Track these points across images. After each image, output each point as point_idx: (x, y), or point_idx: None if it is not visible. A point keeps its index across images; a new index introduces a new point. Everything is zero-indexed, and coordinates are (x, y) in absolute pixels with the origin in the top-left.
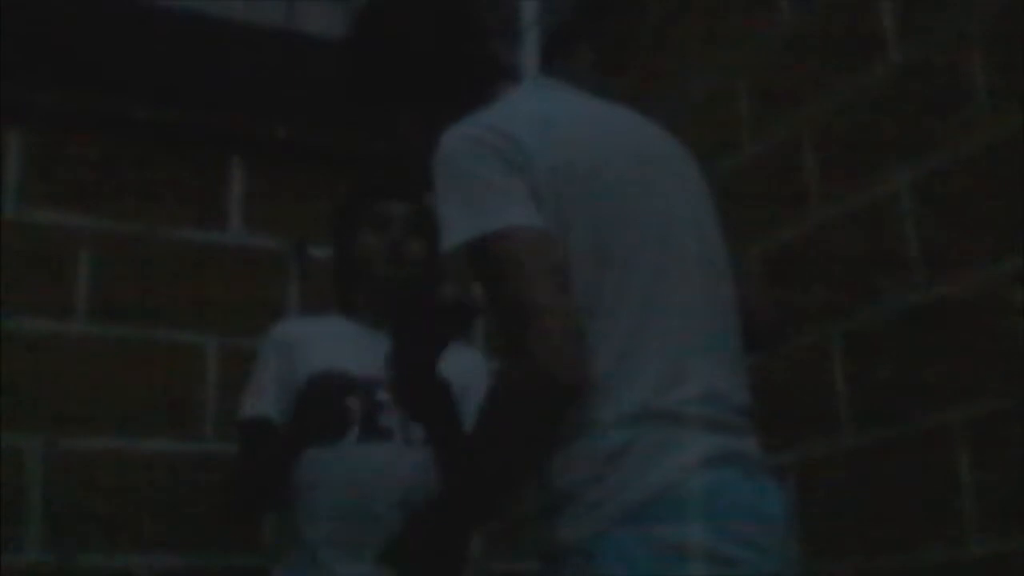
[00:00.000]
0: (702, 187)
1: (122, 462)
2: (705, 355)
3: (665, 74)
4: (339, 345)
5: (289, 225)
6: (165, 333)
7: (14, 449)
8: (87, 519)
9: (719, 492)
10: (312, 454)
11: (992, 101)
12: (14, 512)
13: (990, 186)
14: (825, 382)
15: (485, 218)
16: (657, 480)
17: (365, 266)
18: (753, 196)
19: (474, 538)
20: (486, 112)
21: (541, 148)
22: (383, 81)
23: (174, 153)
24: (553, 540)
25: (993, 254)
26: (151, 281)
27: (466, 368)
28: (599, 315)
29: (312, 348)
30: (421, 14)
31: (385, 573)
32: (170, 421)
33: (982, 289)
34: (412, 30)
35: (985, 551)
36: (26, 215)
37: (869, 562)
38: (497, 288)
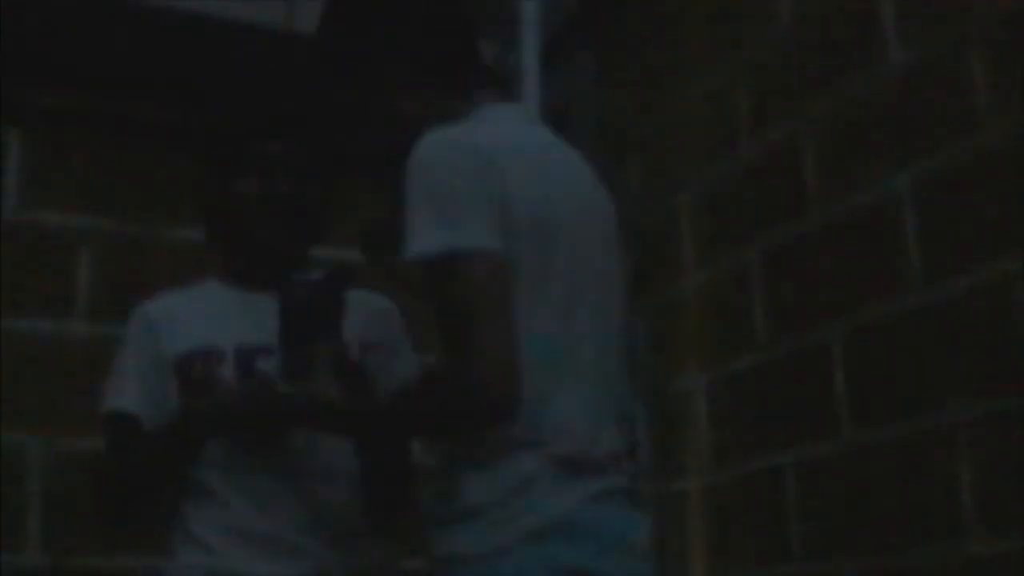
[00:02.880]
0: (616, 241)
1: None
2: (602, 406)
3: (665, 74)
4: (213, 316)
5: None
6: None
7: (14, 449)
8: (87, 519)
9: (602, 524)
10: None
11: (992, 101)
12: (14, 512)
13: (990, 186)
14: (825, 382)
15: (457, 233)
16: (556, 509)
17: (242, 221)
18: (753, 196)
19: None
20: (464, 127)
21: (513, 177)
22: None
23: (174, 153)
24: (451, 549)
25: (993, 254)
26: (151, 281)
27: (372, 320)
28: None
29: (183, 323)
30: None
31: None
32: None
33: (982, 289)
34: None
35: (985, 551)
36: (26, 215)
37: (869, 562)
38: (452, 306)
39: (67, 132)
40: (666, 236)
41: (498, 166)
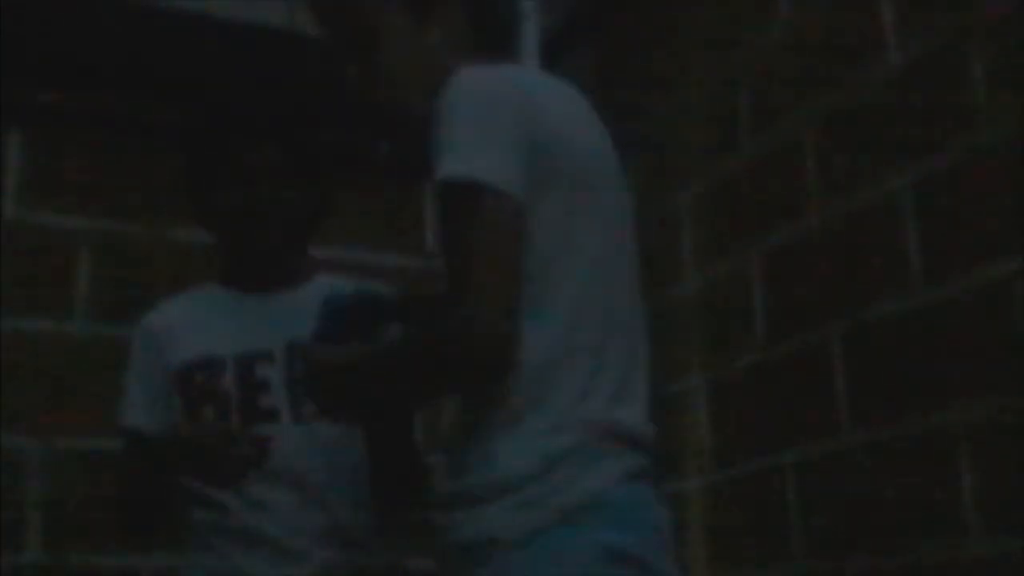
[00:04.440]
0: (631, 216)
1: None
2: (639, 376)
3: (665, 74)
4: (212, 324)
5: None
6: None
7: (14, 449)
8: (87, 519)
9: (635, 503)
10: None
11: (991, 101)
12: (14, 512)
13: (990, 186)
14: (825, 382)
15: (485, 166)
16: (590, 486)
17: (225, 231)
18: (753, 196)
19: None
20: (503, 67)
21: (551, 117)
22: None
23: (174, 153)
24: (479, 529)
25: (993, 254)
26: (151, 281)
27: None
28: (552, 308)
29: (183, 334)
30: None
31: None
32: None
33: (982, 289)
34: None
35: (985, 551)
36: (26, 215)
37: (869, 562)
38: (460, 239)
39: (67, 132)
40: (666, 236)
41: (536, 101)
